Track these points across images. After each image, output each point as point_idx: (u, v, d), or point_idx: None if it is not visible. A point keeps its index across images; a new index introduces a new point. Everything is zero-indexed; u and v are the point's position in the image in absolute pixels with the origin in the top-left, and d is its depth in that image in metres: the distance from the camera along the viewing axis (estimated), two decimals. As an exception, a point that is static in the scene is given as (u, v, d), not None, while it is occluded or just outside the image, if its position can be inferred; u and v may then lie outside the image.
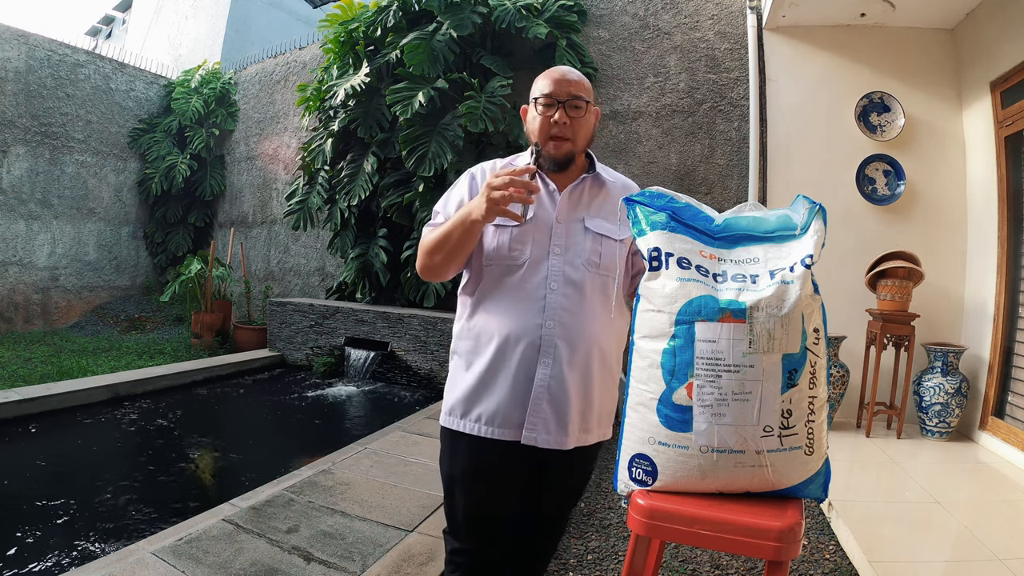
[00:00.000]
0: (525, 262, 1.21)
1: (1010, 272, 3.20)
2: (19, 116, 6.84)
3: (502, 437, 1.20)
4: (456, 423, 1.24)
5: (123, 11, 17.27)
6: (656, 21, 4.69)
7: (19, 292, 6.99)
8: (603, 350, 1.23)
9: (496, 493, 1.26)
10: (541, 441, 1.19)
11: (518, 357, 1.18)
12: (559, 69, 1.26)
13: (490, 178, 1.08)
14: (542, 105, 1.22)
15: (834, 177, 3.75)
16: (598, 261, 1.22)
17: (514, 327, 1.19)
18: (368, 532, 1.98)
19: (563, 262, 1.21)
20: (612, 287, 1.24)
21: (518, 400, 1.19)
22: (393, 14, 5.01)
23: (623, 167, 4.78)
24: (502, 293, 1.22)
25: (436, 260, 1.23)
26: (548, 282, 1.20)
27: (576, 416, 1.21)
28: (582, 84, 1.24)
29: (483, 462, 1.23)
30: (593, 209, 1.26)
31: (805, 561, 2.12)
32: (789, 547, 0.88)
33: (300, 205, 5.70)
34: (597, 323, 1.22)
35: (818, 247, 0.98)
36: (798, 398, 0.94)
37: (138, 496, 2.74)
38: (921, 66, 3.72)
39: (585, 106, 1.23)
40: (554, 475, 1.28)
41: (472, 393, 1.22)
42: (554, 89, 1.21)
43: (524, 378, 1.19)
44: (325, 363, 5.21)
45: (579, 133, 1.24)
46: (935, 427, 3.25)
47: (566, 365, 1.18)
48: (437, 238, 1.21)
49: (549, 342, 1.18)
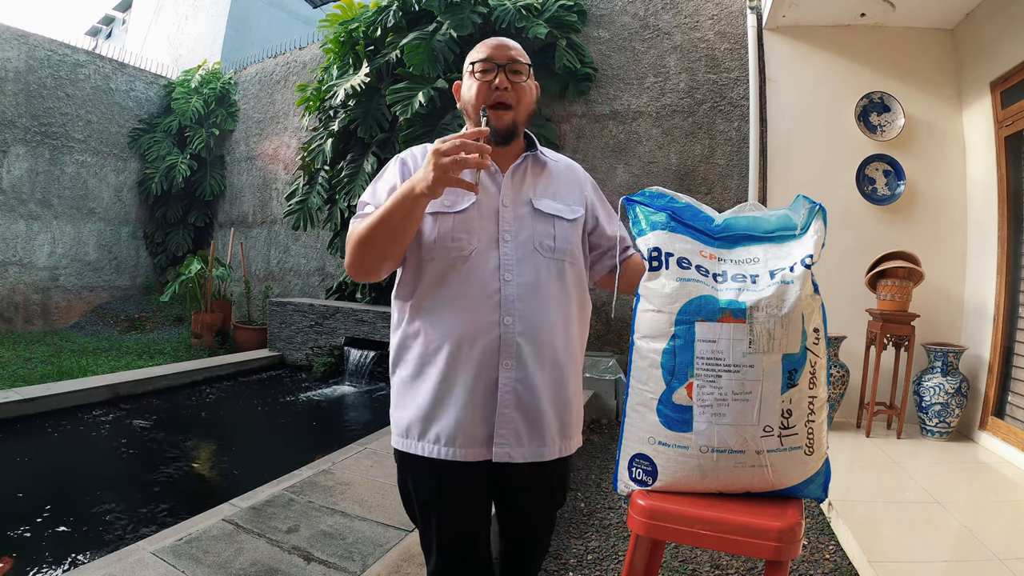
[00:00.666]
0: (472, 252, 1.05)
1: (1010, 272, 3.20)
2: (19, 116, 6.84)
3: (466, 459, 1.04)
4: (413, 445, 1.08)
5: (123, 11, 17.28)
6: (656, 21, 4.69)
7: (19, 292, 6.99)
8: (571, 344, 1.12)
9: (469, 516, 1.11)
10: (516, 456, 1.04)
11: (475, 363, 1.03)
12: (495, 38, 1.16)
13: (436, 144, 0.93)
14: (480, 71, 1.10)
15: (834, 177, 3.75)
16: (552, 244, 1.10)
17: (467, 328, 1.03)
18: (368, 532, 1.98)
19: (514, 248, 1.07)
20: (570, 273, 1.13)
21: (480, 413, 1.04)
22: (393, 14, 5.00)
23: (623, 167, 4.78)
24: (448, 290, 1.05)
25: (371, 252, 1.03)
26: (501, 273, 1.05)
27: (554, 422, 1.08)
28: (521, 51, 1.15)
29: (449, 486, 1.07)
30: (539, 189, 1.15)
31: (805, 561, 2.12)
32: (789, 547, 0.88)
33: (300, 205, 5.70)
34: (560, 314, 1.09)
35: (818, 247, 0.98)
36: (798, 398, 0.94)
37: (138, 496, 2.74)
38: (921, 66, 3.72)
39: (527, 71, 1.13)
40: (531, 491, 1.14)
41: (428, 410, 1.06)
42: (492, 53, 1.11)
43: (485, 387, 1.04)
44: (325, 363, 5.21)
45: (521, 101, 1.12)
46: (935, 427, 3.25)
47: (534, 366, 1.04)
48: (371, 225, 1.00)
49: (510, 341, 1.03)
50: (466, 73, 1.15)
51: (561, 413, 1.10)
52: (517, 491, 1.15)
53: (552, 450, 1.09)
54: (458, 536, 1.11)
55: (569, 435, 1.13)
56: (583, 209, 1.20)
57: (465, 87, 1.15)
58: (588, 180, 1.28)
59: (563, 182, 1.20)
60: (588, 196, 1.24)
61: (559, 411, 1.09)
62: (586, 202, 1.22)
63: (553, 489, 1.20)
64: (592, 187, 1.28)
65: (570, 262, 1.12)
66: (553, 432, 1.08)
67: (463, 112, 1.17)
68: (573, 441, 1.14)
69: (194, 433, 3.77)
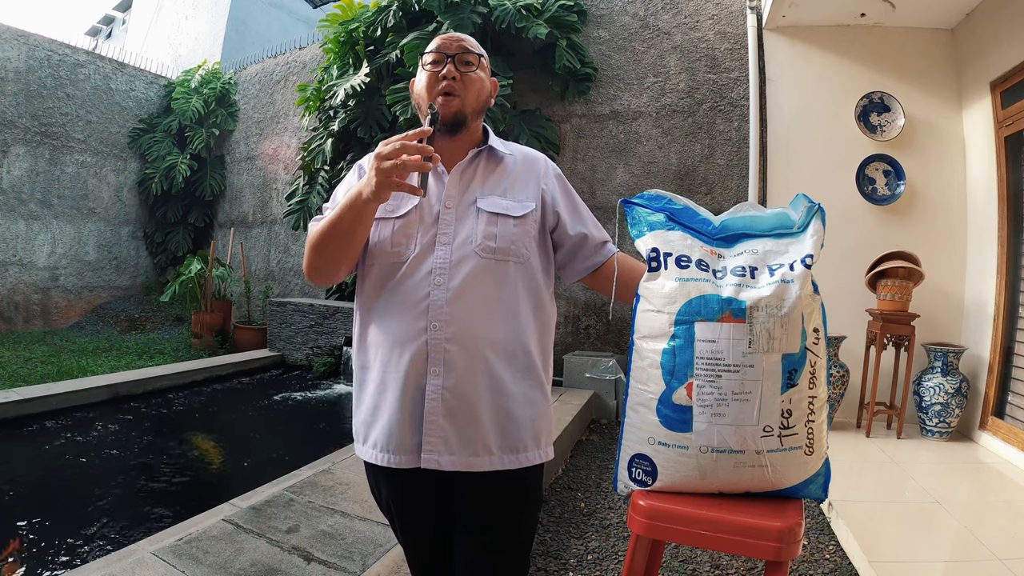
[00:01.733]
0: (408, 258, 1.03)
1: (1010, 272, 3.20)
2: (19, 116, 6.84)
3: (399, 465, 1.02)
4: (360, 449, 1.09)
5: (123, 11, 17.28)
6: (656, 21, 4.69)
7: (19, 292, 6.99)
8: (517, 352, 1.04)
9: (422, 523, 1.10)
10: (445, 464, 1.00)
11: (404, 369, 1.01)
12: (448, 33, 1.16)
13: (379, 147, 0.91)
14: (430, 63, 1.09)
15: (834, 177, 3.75)
16: (493, 245, 1.04)
17: (397, 334, 1.02)
18: (368, 532, 1.98)
19: (450, 252, 1.03)
20: (517, 273, 1.06)
21: (410, 420, 1.01)
22: (393, 14, 5.00)
23: (623, 167, 4.78)
24: (385, 296, 1.04)
25: (324, 256, 1.03)
26: (432, 277, 1.02)
27: (493, 431, 1.02)
28: (473, 42, 1.12)
29: (391, 491, 1.09)
30: (488, 186, 1.09)
31: (805, 561, 2.12)
32: (789, 547, 0.88)
33: (300, 205, 5.70)
34: (501, 319, 1.03)
35: (817, 247, 0.98)
36: (798, 398, 0.94)
37: (138, 496, 2.74)
38: (921, 66, 3.72)
39: (477, 61, 1.10)
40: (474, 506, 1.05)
41: (368, 415, 1.06)
42: (442, 44, 1.09)
43: (414, 395, 1.01)
44: (325, 363, 5.21)
45: (469, 90, 1.08)
46: (935, 427, 3.25)
47: (465, 372, 1.01)
48: (323, 229, 1.01)
49: (437, 347, 1.00)
50: (419, 68, 1.13)
51: (503, 423, 1.03)
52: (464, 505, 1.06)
53: (488, 461, 1.02)
54: (416, 540, 1.12)
55: (516, 448, 1.04)
56: (535, 203, 1.11)
57: (417, 80, 1.13)
58: (551, 171, 1.18)
59: (518, 176, 1.13)
60: (547, 189, 1.14)
61: (500, 421, 1.02)
62: (543, 196, 1.13)
63: (503, 505, 1.06)
64: (556, 179, 1.18)
65: (516, 262, 1.05)
66: (490, 442, 1.02)
67: (416, 107, 1.14)
68: (525, 456, 1.04)
69: (194, 433, 3.77)
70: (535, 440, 1.06)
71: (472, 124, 1.11)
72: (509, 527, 1.08)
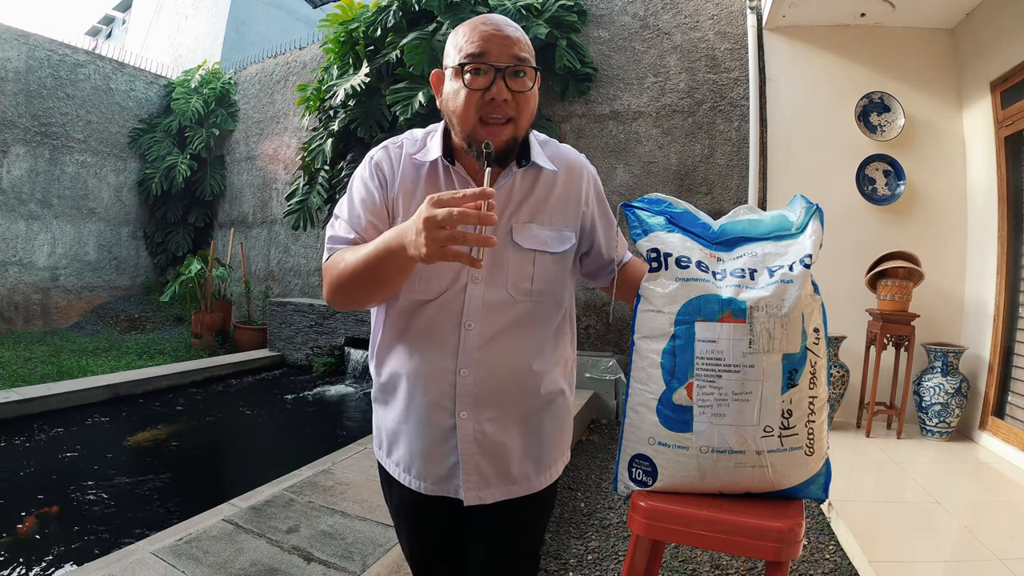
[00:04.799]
0: (437, 296, 0.95)
1: (1010, 272, 3.20)
2: (19, 116, 6.84)
3: (421, 490, 1.01)
4: (384, 459, 1.07)
5: (123, 11, 17.28)
6: (656, 21, 4.69)
7: (19, 292, 6.99)
8: (547, 390, 1.01)
9: (431, 533, 1.08)
10: (487, 497, 0.99)
11: (427, 408, 0.97)
12: (490, 19, 0.90)
13: (429, 209, 0.73)
14: (470, 72, 0.86)
15: (834, 177, 3.74)
16: (529, 287, 0.96)
17: (423, 372, 0.97)
18: (368, 532, 1.98)
19: (483, 291, 0.95)
20: (553, 311, 1.01)
21: (432, 455, 0.99)
22: (393, 14, 5.00)
23: (623, 167, 4.78)
24: (411, 332, 0.98)
25: (354, 295, 0.92)
26: (464, 320, 0.94)
27: (528, 462, 1.01)
28: (526, 42, 0.90)
29: (408, 506, 1.07)
30: (525, 212, 0.97)
31: (805, 561, 2.12)
32: (789, 548, 0.88)
33: (300, 205, 5.70)
34: (534, 359, 0.99)
35: (816, 247, 0.98)
36: (798, 398, 0.94)
37: (138, 496, 2.74)
38: (921, 66, 3.72)
39: (532, 75, 0.89)
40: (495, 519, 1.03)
41: (391, 434, 1.05)
42: (489, 47, 0.86)
43: (438, 434, 0.98)
44: (325, 363, 5.21)
45: (523, 112, 0.90)
46: (935, 427, 3.25)
47: (495, 415, 0.97)
48: (355, 270, 0.87)
49: (466, 392, 0.95)
50: (450, 69, 0.91)
51: (535, 453, 1.02)
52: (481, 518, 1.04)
53: (527, 486, 1.02)
54: (421, 546, 1.11)
55: (547, 466, 1.04)
56: (576, 234, 1.03)
57: (450, 90, 0.91)
58: (592, 188, 1.07)
59: (559, 197, 1.00)
60: (587, 212, 1.05)
61: (532, 452, 1.02)
62: (583, 220, 1.05)
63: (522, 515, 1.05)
64: (595, 191, 1.08)
65: (554, 301, 1.00)
66: (527, 470, 1.02)
67: (445, 117, 0.96)
68: (552, 471, 1.06)
69: (194, 433, 3.77)
70: (561, 454, 1.08)
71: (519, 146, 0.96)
72: (524, 535, 1.08)
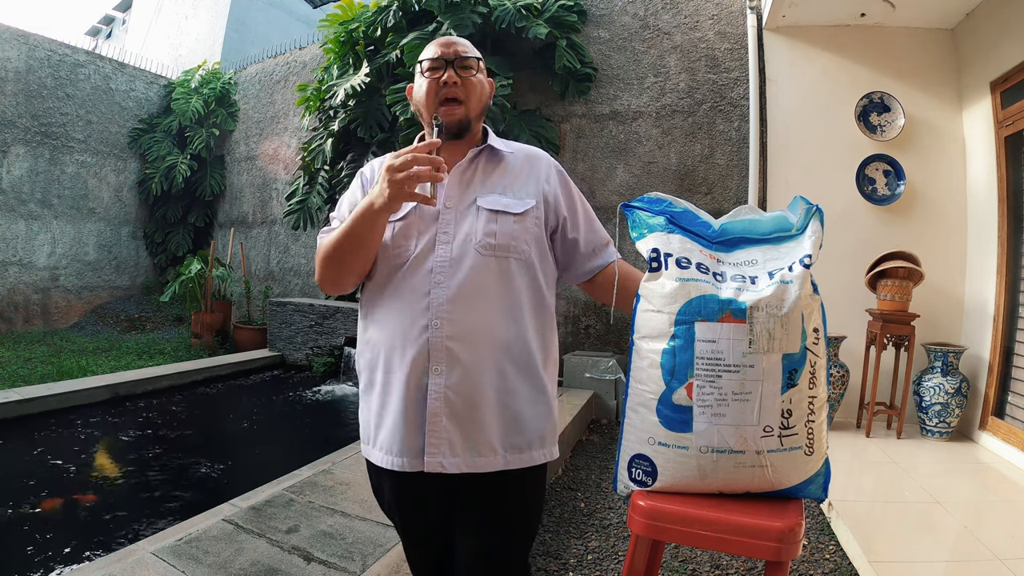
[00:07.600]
0: (409, 258, 1.04)
1: (1010, 272, 3.20)
2: (19, 116, 6.84)
3: (403, 468, 1.02)
4: (367, 450, 1.10)
5: (123, 11, 17.27)
6: (656, 21, 4.69)
7: (19, 292, 6.99)
8: (520, 350, 1.03)
9: (424, 523, 1.10)
10: (449, 466, 0.99)
11: (407, 368, 1.00)
12: (443, 37, 1.15)
13: (389, 160, 0.94)
14: (428, 69, 1.10)
15: (834, 177, 3.74)
16: (493, 242, 1.04)
17: (398, 334, 1.02)
18: (368, 532, 1.98)
19: (451, 250, 1.03)
20: (520, 271, 1.05)
21: (414, 421, 1.01)
22: (393, 14, 5.00)
23: (623, 167, 4.78)
24: (387, 296, 1.05)
25: (338, 267, 1.05)
26: (433, 276, 1.02)
27: (497, 431, 1.02)
28: (469, 46, 1.13)
29: (393, 493, 1.09)
30: (488, 185, 1.10)
31: (805, 561, 2.12)
32: (789, 548, 0.88)
33: (300, 205, 5.70)
34: (506, 316, 1.03)
35: (816, 248, 0.98)
36: (798, 398, 0.94)
37: (138, 496, 2.74)
38: (921, 66, 3.72)
39: (476, 65, 1.11)
40: (476, 507, 1.04)
41: (374, 417, 1.07)
42: (439, 50, 1.10)
43: (417, 395, 1.01)
44: (325, 363, 5.21)
45: (471, 95, 1.10)
46: (935, 427, 3.25)
47: (468, 370, 1.00)
48: (336, 240, 1.03)
49: (439, 346, 0.99)
50: (416, 74, 1.14)
51: (507, 422, 1.02)
52: (466, 505, 1.06)
53: (493, 461, 1.01)
54: (417, 542, 1.14)
55: (520, 447, 1.03)
56: (536, 200, 1.10)
57: (416, 87, 1.15)
58: (553, 170, 1.17)
59: (518, 174, 1.13)
60: (549, 189, 1.13)
61: (504, 420, 1.02)
62: (544, 194, 1.12)
63: (506, 505, 1.05)
64: (558, 177, 1.17)
65: (518, 259, 1.05)
66: (494, 442, 1.01)
67: (416, 113, 1.17)
68: (529, 455, 1.04)
69: (194, 433, 3.77)
70: (540, 439, 1.06)
71: (475, 127, 1.13)
72: (511, 528, 1.07)
